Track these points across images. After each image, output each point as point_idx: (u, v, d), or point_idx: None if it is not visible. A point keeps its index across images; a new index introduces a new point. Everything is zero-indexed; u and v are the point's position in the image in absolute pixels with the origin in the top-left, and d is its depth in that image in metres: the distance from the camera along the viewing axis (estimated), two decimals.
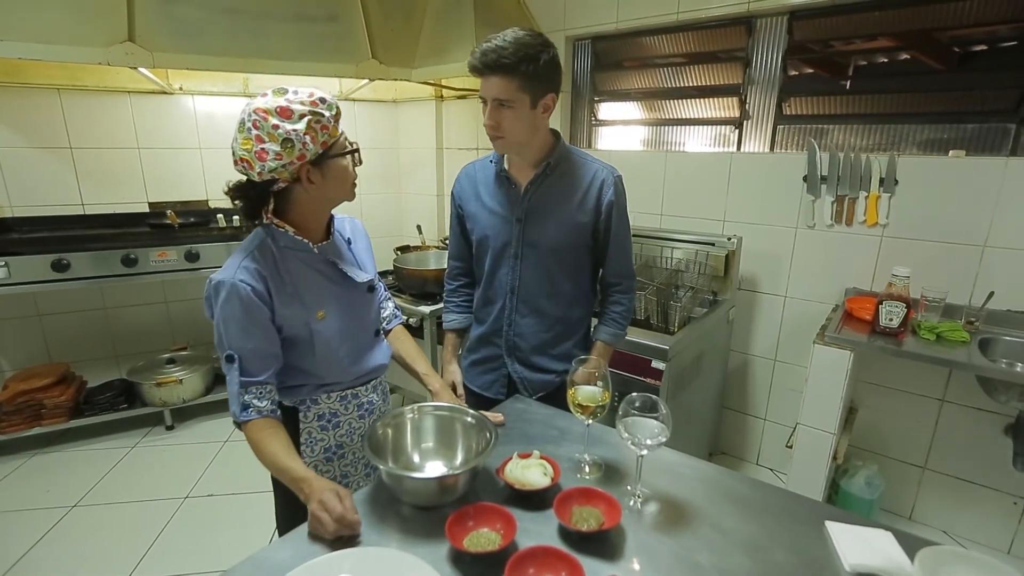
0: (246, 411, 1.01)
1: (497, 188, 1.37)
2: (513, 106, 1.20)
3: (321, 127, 0.97)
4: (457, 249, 1.51)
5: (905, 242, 2.05)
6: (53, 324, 2.91)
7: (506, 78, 1.17)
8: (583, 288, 1.43)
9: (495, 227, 1.36)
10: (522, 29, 1.19)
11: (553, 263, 1.35)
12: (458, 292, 1.54)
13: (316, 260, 1.09)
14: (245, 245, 1.05)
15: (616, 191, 1.33)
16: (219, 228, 2.87)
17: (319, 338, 1.08)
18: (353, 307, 1.15)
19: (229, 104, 3.14)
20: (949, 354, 1.71)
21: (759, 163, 2.33)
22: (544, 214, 1.33)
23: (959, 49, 1.99)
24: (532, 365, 1.42)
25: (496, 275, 1.39)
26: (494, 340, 1.44)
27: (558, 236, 1.33)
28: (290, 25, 2.38)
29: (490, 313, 1.43)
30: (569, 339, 1.43)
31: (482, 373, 1.48)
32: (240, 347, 1.01)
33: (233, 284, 0.99)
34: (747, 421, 2.61)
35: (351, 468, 1.21)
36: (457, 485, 0.94)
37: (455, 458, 1.08)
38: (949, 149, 1.99)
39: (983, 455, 2.02)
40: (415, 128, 3.57)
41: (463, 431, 1.10)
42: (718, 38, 2.42)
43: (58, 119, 2.76)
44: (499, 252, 1.37)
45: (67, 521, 2.19)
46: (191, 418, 2.97)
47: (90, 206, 2.91)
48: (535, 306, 1.38)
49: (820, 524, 0.92)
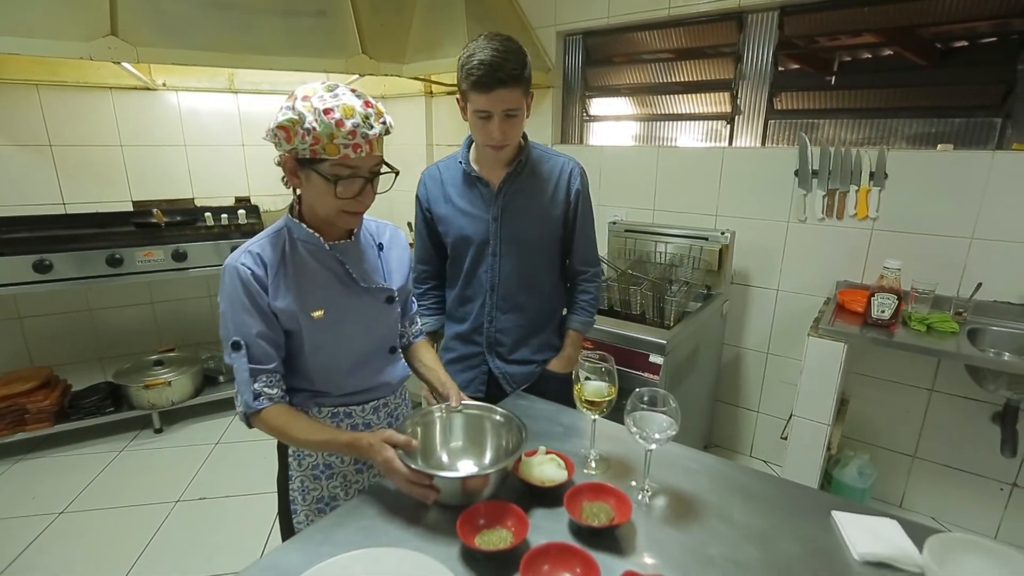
0: (258, 399, 0.98)
1: (467, 189, 1.39)
2: (518, 114, 1.25)
3: (306, 133, 0.90)
4: (424, 253, 1.51)
5: (895, 235, 2.08)
6: (35, 326, 2.84)
7: (516, 89, 1.20)
8: (557, 279, 1.50)
9: (470, 227, 1.38)
10: (495, 36, 1.22)
11: (531, 258, 1.41)
12: (427, 295, 1.55)
13: (327, 257, 1.05)
14: (263, 231, 1.05)
15: (582, 181, 1.41)
16: (207, 227, 2.82)
17: (310, 338, 1.04)
18: (361, 314, 1.09)
19: (214, 100, 3.08)
20: (939, 344, 1.74)
21: (751, 158, 2.35)
22: (520, 211, 1.37)
23: (941, 45, 2.02)
24: (512, 360, 1.46)
25: (475, 274, 1.42)
26: (474, 338, 1.47)
27: (536, 231, 1.39)
28: (278, 19, 2.34)
29: (469, 312, 1.45)
30: (546, 329, 1.49)
31: (460, 371, 1.49)
32: (246, 333, 0.98)
33: (234, 267, 0.98)
34: (740, 414, 2.64)
35: (340, 491, 1.14)
36: (487, 485, 0.92)
37: (484, 457, 1.07)
38: (937, 143, 2.02)
39: (971, 443, 2.06)
40: (404, 125, 3.53)
41: (492, 429, 1.09)
42: (710, 33, 2.43)
43: (37, 116, 2.68)
44: (477, 251, 1.40)
45: (54, 528, 2.13)
46: (180, 420, 2.92)
47: (72, 205, 2.84)
48: (515, 302, 1.43)
49: (826, 514, 0.93)
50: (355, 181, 0.97)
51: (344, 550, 0.82)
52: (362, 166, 0.96)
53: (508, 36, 1.22)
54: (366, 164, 0.97)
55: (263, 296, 0.99)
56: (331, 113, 0.90)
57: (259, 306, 0.99)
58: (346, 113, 0.91)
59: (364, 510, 0.94)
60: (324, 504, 1.13)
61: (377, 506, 0.94)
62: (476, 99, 1.21)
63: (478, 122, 1.25)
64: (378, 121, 0.95)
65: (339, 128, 0.90)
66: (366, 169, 0.97)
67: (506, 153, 1.32)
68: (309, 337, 1.04)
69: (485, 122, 1.23)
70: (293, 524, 1.12)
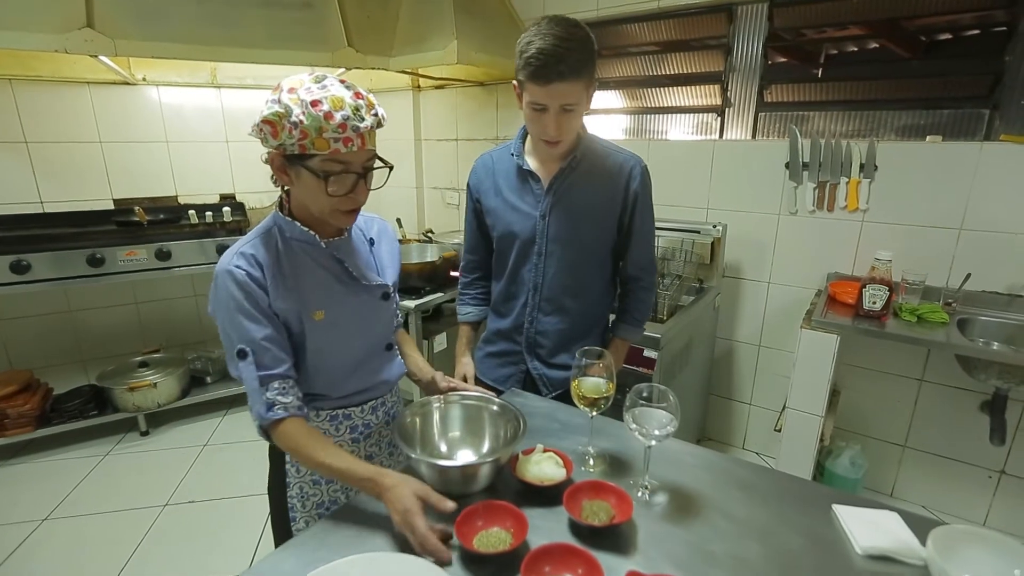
0: (272, 409, 0.91)
1: (519, 183, 1.32)
2: (577, 108, 1.14)
3: (293, 127, 0.84)
4: (473, 243, 1.46)
5: (885, 226, 2.09)
6: (13, 329, 2.76)
7: (577, 83, 1.10)
8: (606, 284, 1.41)
9: (518, 224, 1.31)
10: (561, 20, 1.11)
11: (579, 260, 1.31)
12: (473, 285, 1.51)
13: (323, 256, 1.01)
14: (250, 232, 0.99)
15: (642, 181, 1.30)
16: (191, 225, 2.76)
17: (311, 341, 0.99)
18: (359, 312, 1.06)
19: (196, 95, 3.01)
20: (930, 335, 1.76)
21: (741, 150, 2.35)
22: (570, 210, 1.28)
23: (925, 38, 2.03)
24: (553, 363, 1.39)
25: (519, 272, 1.35)
26: (514, 336, 1.40)
27: (585, 233, 1.30)
28: (261, 11, 2.28)
29: (512, 309, 1.39)
30: (590, 335, 1.41)
31: (499, 366, 1.45)
32: (250, 339, 0.92)
33: (228, 271, 0.92)
34: (733, 407, 2.64)
35: (340, 494, 1.11)
36: (481, 474, 0.92)
37: (482, 447, 1.07)
38: (926, 135, 2.03)
39: (960, 432, 2.09)
40: (392, 119, 3.47)
41: (490, 420, 1.08)
42: (699, 26, 2.41)
43: (11, 111, 2.60)
44: (523, 249, 1.32)
45: (38, 535, 2.08)
46: (167, 423, 2.86)
47: (50, 203, 2.76)
48: (559, 304, 1.35)
49: (826, 507, 0.92)
50: (347, 177, 0.91)
51: (339, 555, 0.80)
52: (354, 161, 0.91)
53: (576, 22, 1.12)
54: (358, 159, 0.92)
55: (263, 297, 0.93)
56: (319, 105, 0.84)
57: (260, 308, 0.93)
58: (335, 105, 0.85)
59: (359, 513, 0.91)
60: (325, 509, 1.10)
61: (373, 508, 0.91)
62: (532, 90, 1.11)
63: (532, 114, 1.16)
64: (369, 113, 0.90)
65: (328, 121, 0.84)
66: (358, 164, 0.92)
67: (561, 148, 1.23)
68: (310, 340, 0.99)
69: (540, 115, 1.15)
70: (292, 530, 1.09)
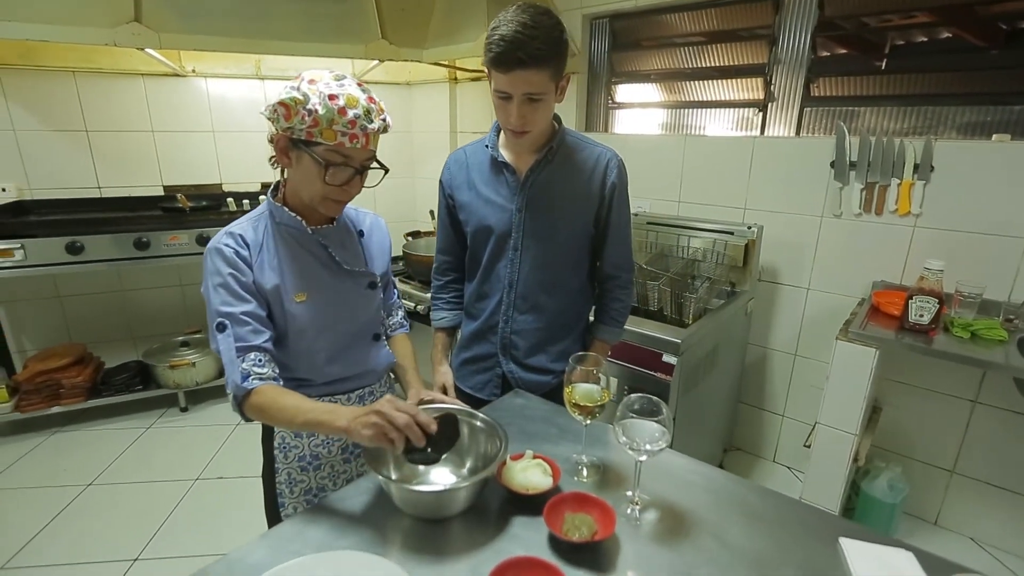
0: (247, 379, 0.93)
1: (493, 175, 1.28)
2: (543, 99, 1.11)
3: (307, 114, 0.90)
4: (446, 242, 1.41)
5: (940, 233, 1.92)
6: (73, 305, 2.96)
7: (540, 71, 1.06)
8: (583, 281, 1.36)
9: (493, 217, 1.26)
10: (528, 7, 1.07)
11: (555, 255, 1.27)
12: (447, 288, 1.46)
13: (309, 241, 1.05)
14: (245, 216, 1.05)
15: (619, 174, 1.26)
16: (230, 212, 2.87)
17: (293, 322, 1.02)
18: (343, 298, 1.09)
19: (242, 87, 3.12)
20: (985, 354, 1.60)
21: (784, 148, 2.21)
22: (546, 203, 1.24)
23: (1006, 25, 1.83)
24: (528, 365, 1.34)
25: (494, 268, 1.31)
26: (488, 337, 1.36)
27: (562, 226, 1.25)
28: (297, 5, 2.33)
29: (485, 308, 1.35)
30: (567, 336, 1.36)
31: (474, 373, 1.40)
32: (230, 312, 0.95)
33: (217, 248, 0.98)
34: (764, 417, 2.52)
35: (328, 481, 1.12)
36: (462, 497, 0.87)
37: (463, 465, 1.01)
38: (992, 133, 1.84)
39: (1017, 460, 1.90)
40: (429, 111, 3.50)
41: (472, 435, 1.02)
42: (743, 15, 2.28)
43: (73, 101, 2.77)
44: (498, 244, 1.28)
45: (81, 500, 2.23)
46: (204, 400, 3.01)
47: (107, 189, 2.94)
48: (534, 301, 1.30)
49: (833, 540, 0.85)
50: (345, 170, 0.97)
51: (314, 550, 0.80)
52: (355, 157, 0.97)
53: (545, 9, 1.07)
54: (359, 156, 0.98)
55: (248, 273, 0.99)
56: (336, 99, 0.91)
57: (244, 284, 0.98)
58: (350, 103, 0.92)
59: (342, 506, 0.91)
60: (312, 495, 1.12)
61: (364, 514, 0.90)
62: (496, 77, 1.09)
63: (498, 102, 1.13)
64: (378, 117, 0.97)
65: (341, 116, 0.91)
66: (358, 161, 0.98)
67: (532, 139, 1.20)
68: (292, 321, 1.03)
69: (505, 103, 1.12)
70: (281, 516, 1.12)
